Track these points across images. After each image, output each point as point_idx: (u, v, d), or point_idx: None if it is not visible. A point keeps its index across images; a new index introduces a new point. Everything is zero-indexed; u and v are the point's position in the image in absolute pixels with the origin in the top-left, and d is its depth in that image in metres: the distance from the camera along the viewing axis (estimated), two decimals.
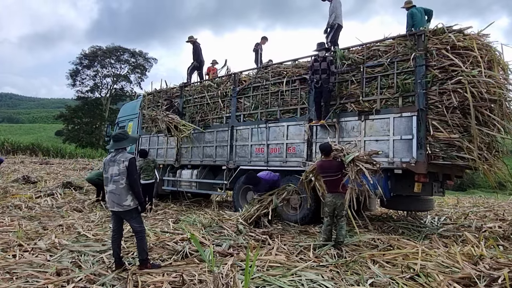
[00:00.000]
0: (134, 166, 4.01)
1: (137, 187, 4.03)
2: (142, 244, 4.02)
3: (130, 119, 12.05)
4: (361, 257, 4.41)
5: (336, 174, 5.12)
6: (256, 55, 9.50)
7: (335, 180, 5.13)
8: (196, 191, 9.40)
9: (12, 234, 5.39)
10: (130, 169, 3.96)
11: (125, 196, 3.97)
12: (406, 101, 5.99)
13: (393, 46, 6.26)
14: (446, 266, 3.98)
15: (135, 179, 4.01)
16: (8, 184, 11.67)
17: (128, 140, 4.25)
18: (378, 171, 5.12)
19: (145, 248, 4.03)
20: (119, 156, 4.04)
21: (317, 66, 6.76)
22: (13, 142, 30.43)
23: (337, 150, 5.34)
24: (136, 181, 4.03)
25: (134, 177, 3.99)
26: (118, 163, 3.99)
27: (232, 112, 8.67)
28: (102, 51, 44.06)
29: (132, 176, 3.97)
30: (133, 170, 3.99)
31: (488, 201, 13.13)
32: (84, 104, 43.11)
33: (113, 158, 4.06)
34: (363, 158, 5.08)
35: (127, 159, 3.99)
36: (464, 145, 5.46)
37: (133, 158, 4.05)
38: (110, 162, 4.07)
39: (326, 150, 5.26)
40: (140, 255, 4.02)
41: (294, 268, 3.99)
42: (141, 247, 4.02)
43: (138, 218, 4.10)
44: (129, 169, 3.96)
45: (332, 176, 5.15)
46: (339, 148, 5.38)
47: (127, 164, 3.96)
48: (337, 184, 5.11)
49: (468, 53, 5.60)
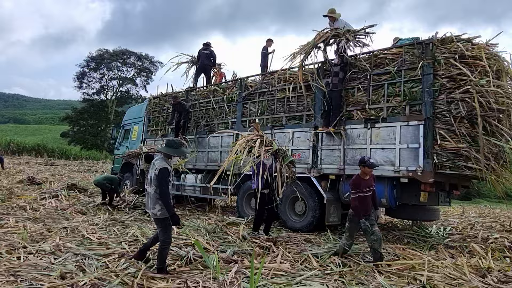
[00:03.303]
0: (163, 176, 3.91)
1: (166, 199, 3.90)
2: (161, 253, 3.99)
3: (136, 122, 12.10)
4: (367, 266, 4.37)
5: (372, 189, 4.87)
6: (263, 58, 9.48)
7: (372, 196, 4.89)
8: (200, 195, 9.39)
9: (17, 235, 5.41)
10: (159, 178, 3.89)
11: (154, 204, 3.94)
12: (413, 109, 5.96)
13: (400, 54, 6.24)
14: (453, 278, 3.92)
15: (163, 190, 3.89)
16: (13, 185, 11.74)
17: (177, 150, 4.17)
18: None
19: (163, 258, 3.99)
20: (158, 162, 4.02)
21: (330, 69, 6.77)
22: (19, 142, 30.69)
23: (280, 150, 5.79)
24: (165, 192, 3.90)
25: (162, 188, 3.89)
26: (154, 168, 3.99)
27: (237, 117, 8.68)
28: (109, 54, 44.39)
29: (160, 187, 3.88)
30: (161, 180, 3.89)
31: (494, 211, 12.99)
32: (90, 106, 43.36)
33: (154, 161, 4.08)
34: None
35: (159, 167, 3.93)
36: (472, 155, 5.41)
37: (164, 168, 3.94)
38: (152, 164, 4.09)
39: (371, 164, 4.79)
40: (157, 262, 4.01)
41: (299, 277, 3.96)
42: (160, 256, 3.99)
43: (164, 228, 4.03)
44: (158, 178, 3.90)
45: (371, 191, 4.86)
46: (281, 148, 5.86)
47: (157, 172, 3.92)
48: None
49: (477, 62, 5.56)
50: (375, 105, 6.38)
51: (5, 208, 7.75)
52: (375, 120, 6.33)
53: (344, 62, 6.70)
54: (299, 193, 6.49)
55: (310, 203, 6.88)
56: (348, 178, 6.55)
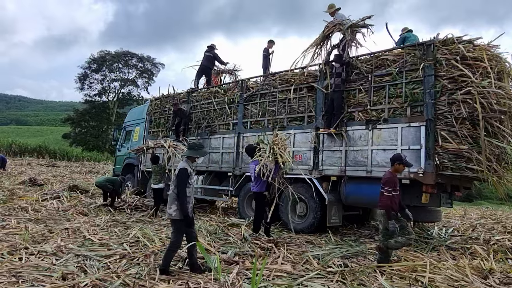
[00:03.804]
0: (182, 176, 4.00)
1: (181, 199, 3.97)
2: (168, 255, 4.04)
3: (137, 124, 12.13)
4: (368, 267, 4.36)
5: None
6: (264, 60, 9.50)
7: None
8: (202, 197, 9.39)
9: (19, 236, 5.42)
10: (177, 178, 4.00)
11: (171, 204, 4.03)
12: (415, 110, 5.96)
13: (401, 56, 6.24)
14: (455, 280, 3.91)
15: (180, 191, 3.97)
16: (15, 186, 11.76)
17: (198, 151, 4.33)
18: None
19: (168, 260, 4.04)
20: (180, 164, 4.15)
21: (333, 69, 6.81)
22: (21, 144, 30.72)
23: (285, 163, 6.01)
24: (182, 193, 3.97)
25: (179, 188, 3.97)
26: (175, 169, 4.11)
27: (239, 118, 8.69)
28: (111, 56, 44.46)
29: (178, 187, 3.97)
30: (179, 181, 3.98)
31: (495, 213, 12.95)
32: (91, 108, 43.41)
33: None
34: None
35: (179, 168, 4.06)
36: (473, 156, 5.40)
37: (183, 169, 4.04)
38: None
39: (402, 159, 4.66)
40: (162, 263, 4.04)
41: (301, 278, 3.95)
42: (166, 257, 4.03)
43: (177, 231, 4.08)
44: (177, 178, 4.01)
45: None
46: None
47: (177, 172, 4.04)
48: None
49: (478, 63, 5.56)
50: (376, 106, 6.38)
51: (7, 209, 7.77)
52: (376, 121, 6.32)
53: (346, 62, 6.72)
54: (293, 193, 6.41)
55: (311, 204, 6.88)
56: (350, 180, 6.57)
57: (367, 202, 6.87)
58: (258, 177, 6.12)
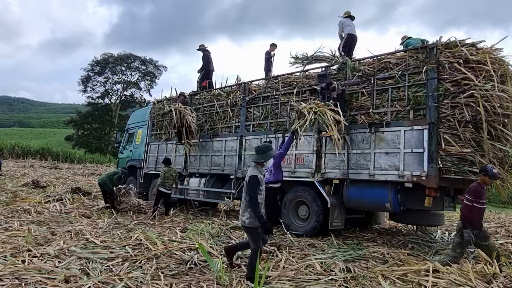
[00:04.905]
0: (253, 184, 3.92)
1: (254, 206, 3.88)
2: (250, 262, 3.98)
3: (140, 126, 12.16)
4: (372, 272, 4.34)
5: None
6: (266, 63, 9.52)
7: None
8: (204, 199, 9.39)
9: (21, 239, 5.43)
10: (248, 185, 3.94)
11: (244, 211, 3.99)
12: (417, 114, 5.95)
13: (404, 59, 6.24)
14: (459, 284, 3.89)
15: (252, 198, 3.89)
16: (18, 188, 11.81)
17: (264, 155, 4.14)
18: None
19: (253, 267, 3.88)
20: (249, 170, 4.09)
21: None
22: (24, 146, 30.84)
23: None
24: (254, 200, 3.89)
25: (251, 195, 3.89)
26: (246, 176, 4.05)
27: (241, 121, 8.70)
28: (114, 58, 44.66)
29: (249, 195, 3.90)
30: (250, 187, 3.91)
31: (499, 216, 12.88)
32: (94, 110, 43.58)
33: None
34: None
35: (249, 175, 3.98)
36: (476, 160, 5.38)
37: (254, 176, 3.94)
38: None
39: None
40: (247, 272, 3.99)
41: (303, 282, 3.94)
42: (249, 264, 4.00)
43: (253, 238, 4.03)
44: (248, 185, 3.94)
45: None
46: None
47: (247, 179, 3.98)
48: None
49: (481, 67, 5.55)
50: (379, 109, 6.38)
51: (9, 211, 7.79)
52: (379, 124, 6.32)
53: (329, 81, 6.79)
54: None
55: (314, 207, 6.86)
56: (352, 183, 6.55)
57: (369, 206, 6.86)
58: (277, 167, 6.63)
